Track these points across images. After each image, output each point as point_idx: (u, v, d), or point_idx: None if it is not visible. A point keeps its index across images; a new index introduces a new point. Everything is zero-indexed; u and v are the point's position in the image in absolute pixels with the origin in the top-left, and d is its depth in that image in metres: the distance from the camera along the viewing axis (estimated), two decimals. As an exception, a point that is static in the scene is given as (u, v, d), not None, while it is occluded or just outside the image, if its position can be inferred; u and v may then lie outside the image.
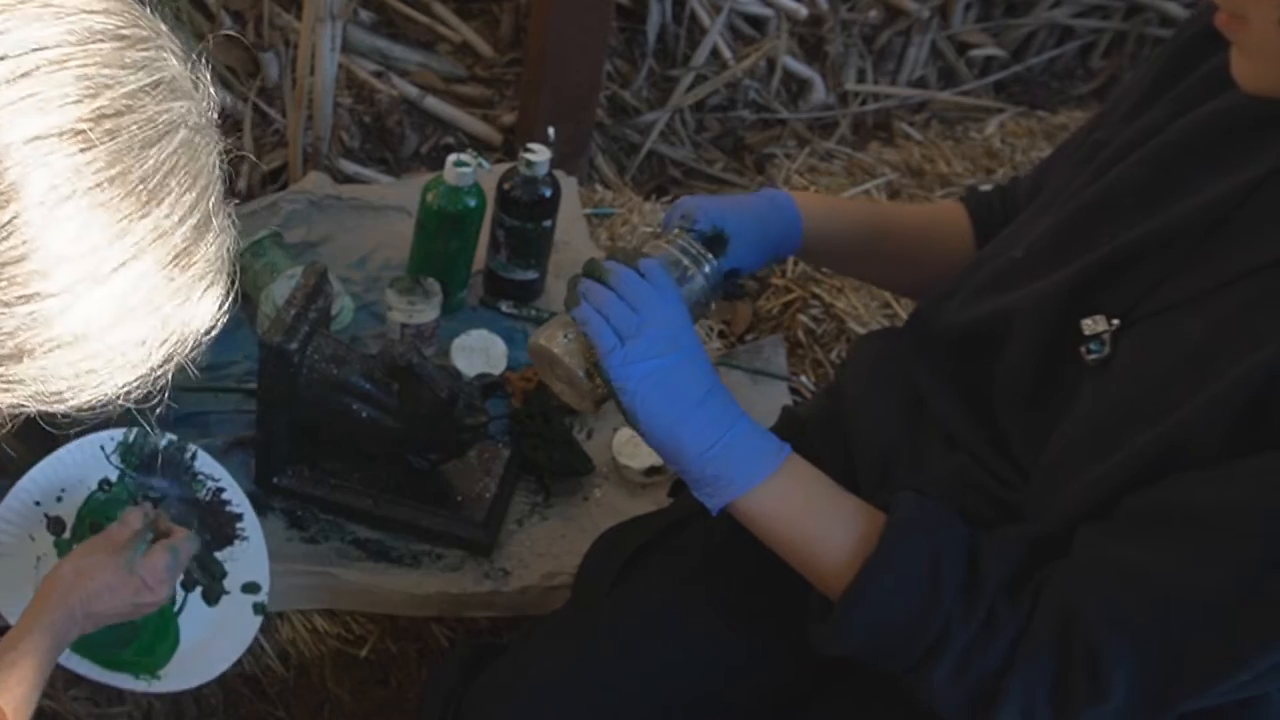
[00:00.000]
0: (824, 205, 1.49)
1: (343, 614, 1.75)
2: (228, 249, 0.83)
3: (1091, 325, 1.22)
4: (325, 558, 1.74)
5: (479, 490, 1.79)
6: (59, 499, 1.63)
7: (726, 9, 2.87)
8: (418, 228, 1.98)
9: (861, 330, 2.28)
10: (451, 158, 1.93)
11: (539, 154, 1.95)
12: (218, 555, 1.64)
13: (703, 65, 2.89)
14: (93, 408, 0.82)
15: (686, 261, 1.32)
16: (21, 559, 1.58)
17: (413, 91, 2.65)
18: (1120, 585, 1.12)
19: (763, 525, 1.26)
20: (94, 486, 1.64)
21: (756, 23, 2.95)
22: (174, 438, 1.68)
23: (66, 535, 1.61)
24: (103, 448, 1.65)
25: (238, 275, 0.86)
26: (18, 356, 0.76)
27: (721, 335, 2.31)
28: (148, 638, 1.57)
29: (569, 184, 2.23)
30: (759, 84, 2.95)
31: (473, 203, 1.94)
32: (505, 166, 2.02)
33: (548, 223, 2.00)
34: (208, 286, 0.82)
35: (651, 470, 1.86)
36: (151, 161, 0.77)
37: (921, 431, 1.37)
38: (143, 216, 0.77)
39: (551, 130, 2.03)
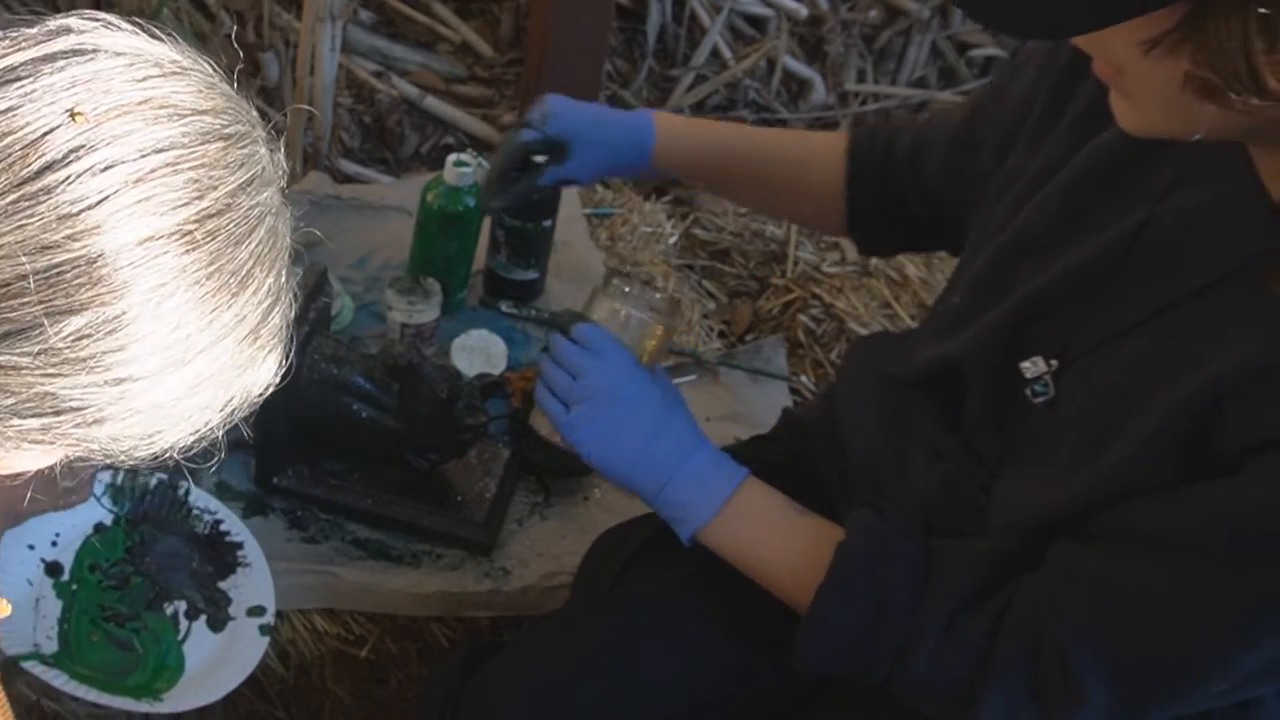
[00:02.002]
0: (686, 126, 1.58)
1: (343, 614, 1.75)
2: (286, 315, 0.87)
3: (1031, 368, 1.23)
4: (325, 557, 1.74)
5: (479, 490, 1.79)
6: (54, 543, 1.63)
7: (726, 9, 2.87)
8: (418, 228, 1.98)
9: (862, 330, 2.29)
10: (451, 158, 1.93)
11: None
12: (221, 585, 1.65)
13: (703, 65, 2.90)
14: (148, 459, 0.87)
15: (619, 306, 1.40)
16: (20, 601, 1.58)
17: (413, 91, 2.65)
18: (1089, 594, 1.14)
19: (725, 556, 1.33)
20: (89, 530, 1.65)
21: (756, 23, 2.95)
22: (164, 476, 1.68)
23: (65, 578, 1.62)
24: (93, 492, 1.64)
25: (293, 337, 0.90)
26: (100, 423, 0.81)
27: (721, 335, 2.31)
28: (148, 670, 1.57)
29: (569, 184, 2.23)
30: (759, 84, 2.95)
31: (473, 203, 1.94)
32: (505, 166, 2.02)
33: (548, 223, 2.00)
34: (269, 353, 0.86)
35: (651, 470, 1.86)
36: (243, 256, 0.81)
37: (909, 440, 1.39)
38: (230, 306, 0.81)
39: (552, 130, 2.03)
